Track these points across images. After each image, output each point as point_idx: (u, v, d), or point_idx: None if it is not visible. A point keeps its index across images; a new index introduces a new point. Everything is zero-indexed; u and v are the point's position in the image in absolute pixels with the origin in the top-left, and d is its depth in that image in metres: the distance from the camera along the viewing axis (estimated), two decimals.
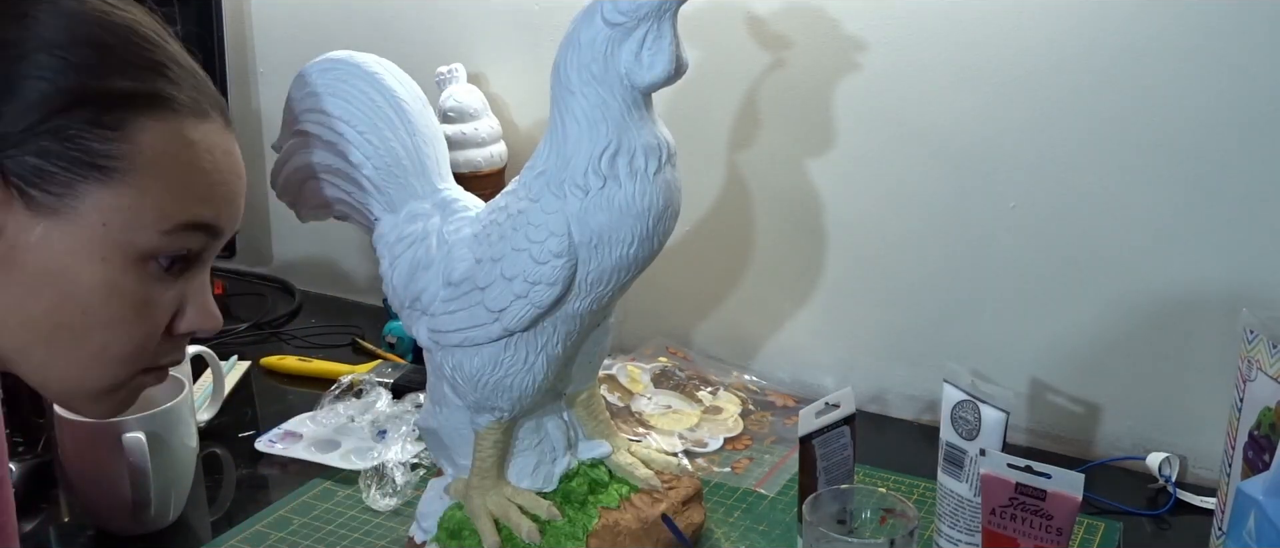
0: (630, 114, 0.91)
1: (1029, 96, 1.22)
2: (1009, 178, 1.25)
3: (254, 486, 1.21)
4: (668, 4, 0.89)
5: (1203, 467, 1.22)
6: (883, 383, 1.38)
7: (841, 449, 1.03)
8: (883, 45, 1.27)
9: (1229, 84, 1.13)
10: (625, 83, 0.90)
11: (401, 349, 1.51)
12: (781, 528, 1.12)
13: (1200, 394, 1.21)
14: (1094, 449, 1.28)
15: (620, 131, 0.90)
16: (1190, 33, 1.13)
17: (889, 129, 1.30)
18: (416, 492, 1.15)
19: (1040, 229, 1.25)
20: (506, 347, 0.97)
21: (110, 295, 0.70)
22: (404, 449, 1.21)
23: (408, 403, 1.33)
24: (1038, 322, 1.28)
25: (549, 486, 1.06)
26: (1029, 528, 0.93)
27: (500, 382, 0.98)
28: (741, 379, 1.41)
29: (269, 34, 1.69)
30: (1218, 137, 1.15)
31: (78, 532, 1.12)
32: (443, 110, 1.42)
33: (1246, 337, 0.98)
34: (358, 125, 1.00)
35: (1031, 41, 1.20)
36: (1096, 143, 1.20)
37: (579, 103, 0.91)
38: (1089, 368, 1.27)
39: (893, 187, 1.31)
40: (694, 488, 1.11)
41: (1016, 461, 0.93)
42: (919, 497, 1.16)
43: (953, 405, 1.01)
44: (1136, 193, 1.20)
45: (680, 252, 1.42)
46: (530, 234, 0.93)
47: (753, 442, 1.29)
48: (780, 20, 1.31)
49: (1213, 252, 1.18)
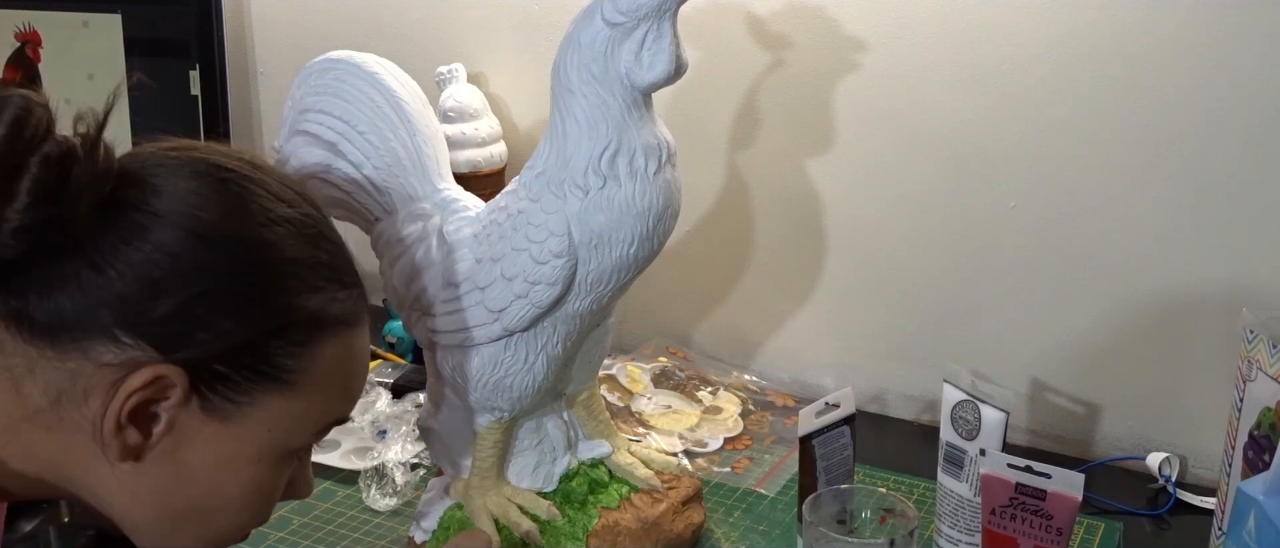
0: (630, 114, 0.91)
1: (1029, 97, 1.22)
2: (1009, 178, 1.25)
3: None
4: (668, 4, 0.89)
5: (1203, 467, 1.22)
6: (883, 383, 1.38)
7: (841, 449, 1.03)
8: (883, 45, 1.27)
9: (1229, 85, 1.13)
10: (625, 83, 0.90)
11: (401, 349, 1.51)
12: (781, 528, 1.12)
13: (1200, 394, 1.21)
14: (1094, 449, 1.28)
15: (620, 131, 0.90)
16: (1190, 34, 1.13)
17: (889, 129, 1.30)
18: (416, 492, 1.15)
19: (1040, 229, 1.25)
20: (506, 347, 0.97)
21: (255, 491, 0.72)
22: (404, 449, 1.21)
23: (408, 403, 1.32)
24: (1038, 321, 1.28)
25: (549, 486, 1.05)
26: (1029, 528, 0.93)
27: (500, 382, 0.98)
28: (741, 379, 1.41)
29: (269, 34, 1.69)
30: (1218, 137, 1.15)
31: (78, 532, 1.12)
32: (443, 110, 1.42)
33: (1246, 337, 0.98)
34: (358, 125, 1.00)
35: (1032, 42, 1.20)
36: (1096, 143, 1.20)
37: (579, 103, 0.91)
38: (1089, 368, 1.27)
39: (893, 187, 1.31)
40: (694, 488, 1.10)
41: (1016, 461, 0.93)
42: (919, 497, 1.15)
43: (953, 406, 1.01)
44: (1137, 193, 1.20)
45: (680, 252, 1.42)
46: (530, 234, 0.93)
47: (753, 442, 1.29)
48: (780, 20, 1.31)
49: (1213, 252, 1.18)
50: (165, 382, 0.65)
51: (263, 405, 0.69)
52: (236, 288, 0.67)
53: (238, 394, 0.68)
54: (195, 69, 1.56)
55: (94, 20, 1.60)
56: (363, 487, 1.17)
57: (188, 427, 0.68)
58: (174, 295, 0.65)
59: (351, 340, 0.73)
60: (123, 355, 0.65)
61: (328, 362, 0.71)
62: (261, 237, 0.68)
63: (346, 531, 1.12)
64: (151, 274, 0.65)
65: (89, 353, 0.65)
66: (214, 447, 0.69)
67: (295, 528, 1.12)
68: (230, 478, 0.71)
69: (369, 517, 1.14)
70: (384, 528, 1.12)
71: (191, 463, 0.69)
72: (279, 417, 0.70)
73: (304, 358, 0.70)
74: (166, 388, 0.66)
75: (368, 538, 1.11)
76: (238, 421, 0.69)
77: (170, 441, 0.68)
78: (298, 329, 0.69)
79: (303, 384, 0.70)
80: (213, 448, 0.69)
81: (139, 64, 1.58)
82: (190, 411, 0.67)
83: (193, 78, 1.56)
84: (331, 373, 0.72)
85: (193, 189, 0.67)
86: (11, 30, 1.63)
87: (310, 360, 0.70)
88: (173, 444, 0.68)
